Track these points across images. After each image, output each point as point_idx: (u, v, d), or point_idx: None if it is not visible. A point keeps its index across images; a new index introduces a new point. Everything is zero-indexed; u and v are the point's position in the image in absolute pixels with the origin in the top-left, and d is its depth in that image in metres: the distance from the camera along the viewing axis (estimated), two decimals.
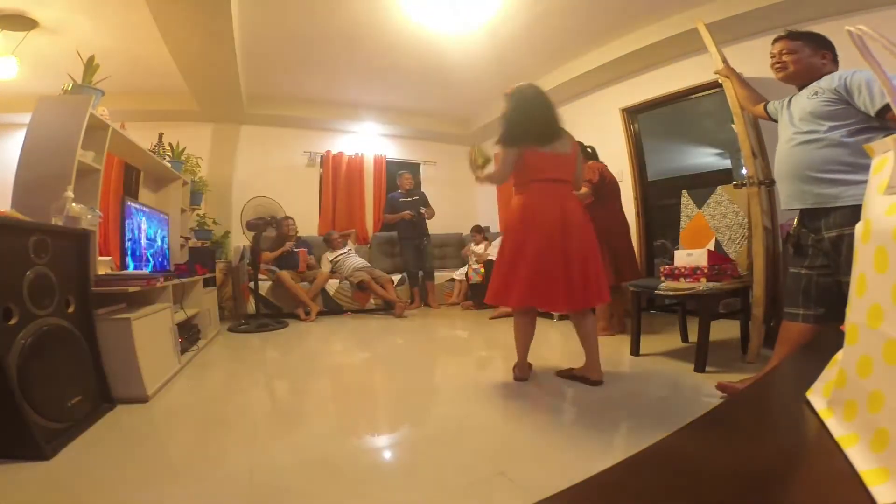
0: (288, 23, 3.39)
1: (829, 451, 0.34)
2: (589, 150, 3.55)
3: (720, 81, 2.34)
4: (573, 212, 2.02)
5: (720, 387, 1.82)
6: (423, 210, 4.86)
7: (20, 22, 2.97)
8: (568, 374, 2.14)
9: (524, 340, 2.13)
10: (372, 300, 4.56)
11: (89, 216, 1.98)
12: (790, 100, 1.78)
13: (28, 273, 1.48)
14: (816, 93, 1.62)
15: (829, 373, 0.44)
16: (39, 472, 1.31)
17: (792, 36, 1.76)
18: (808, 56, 1.70)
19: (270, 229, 4.24)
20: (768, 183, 2.27)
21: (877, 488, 0.27)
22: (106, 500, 1.18)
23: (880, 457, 0.29)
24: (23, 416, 1.35)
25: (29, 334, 1.44)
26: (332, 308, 4.46)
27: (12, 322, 1.40)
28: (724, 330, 2.86)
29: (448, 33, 3.62)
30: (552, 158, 2.03)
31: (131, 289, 1.97)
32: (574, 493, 0.29)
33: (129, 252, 2.40)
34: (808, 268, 1.70)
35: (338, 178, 5.55)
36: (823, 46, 1.71)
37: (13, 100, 4.04)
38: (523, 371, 2.14)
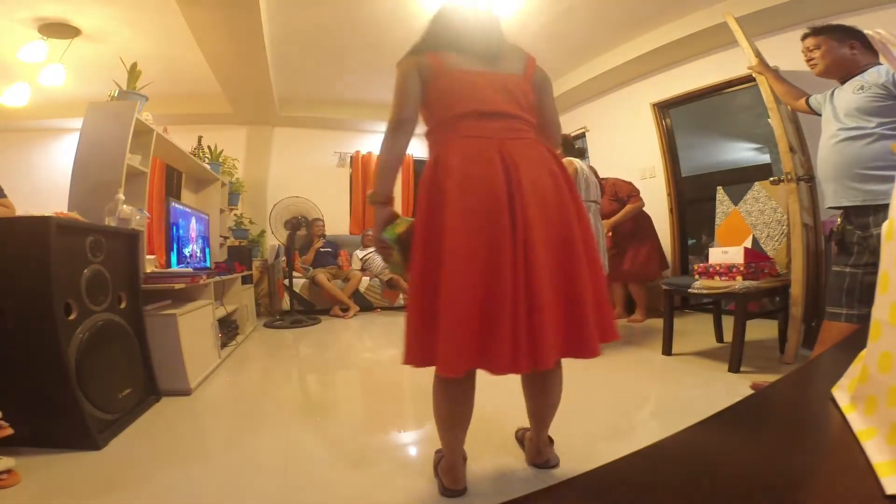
0: (315, 27, 3.47)
1: (848, 444, 0.34)
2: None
3: (754, 77, 2.27)
4: (543, 176, 1.10)
5: (754, 387, 1.78)
6: None
7: (64, 30, 3.13)
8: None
9: (455, 425, 1.16)
10: (401, 297, 4.63)
11: (138, 217, 2.11)
12: (832, 93, 1.72)
13: (85, 271, 1.59)
14: (862, 87, 1.56)
15: (854, 369, 0.44)
16: (91, 462, 1.38)
17: (815, 31, 1.73)
18: (835, 48, 1.67)
19: (303, 228, 4.37)
20: (808, 179, 2.19)
21: (887, 479, 0.28)
22: (152, 489, 1.25)
23: (894, 449, 0.30)
24: (79, 407, 1.43)
25: (86, 329, 1.54)
26: (362, 305, 4.55)
27: (72, 317, 1.50)
28: (762, 330, 2.77)
29: None
30: (491, 79, 1.15)
31: (177, 285, 2.08)
32: (583, 481, 0.31)
33: (174, 251, 2.53)
34: (853, 266, 1.65)
35: (367, 178, 5.65)
36: (849, 36, 1.65)
37: (62, 106, 4.29)
38: (454, 474, 1.17)
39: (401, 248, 1.17)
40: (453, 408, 1.14)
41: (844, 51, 1.65)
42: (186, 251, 2.76)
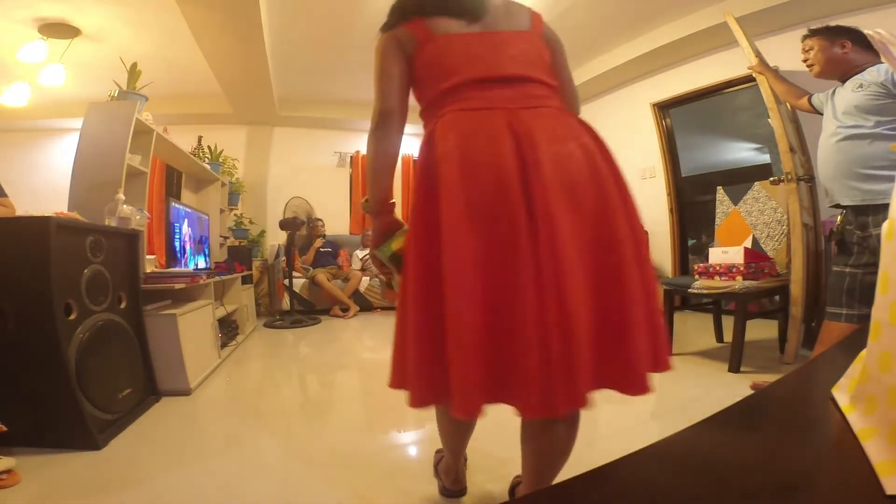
0: (315, 26, 3.47)
1: (848, 444, 0.34)
2: None
3: (754, 77, 2.27)
4: (572, 152, 0.83)
5: (754, 387, 1.78)
6: None
7: (64, 30, 3.12)
8: None
9: (460, 434, 1.10)
10: None
11: (138, 217, 2.11)
12: (834, 92, 1.73)
13: (85, 271, 1.59)
14: (861, 86, 1.57)
15: (854, 369, 0.44)
16: (91, 462, 1.38)
17: (809, 33, 1.76)
18: (827, 48, 1.68)
19: (303, 228, 4.37)
20: (808, 179, 2.19)
21: (887, 479, 0.28)
22: (152, 489, 1.25)
23: (894, 449, 0.30)
24: (79, 408, 1.43)
25: (86, 329, 1.54)
26: (362, 305, 4.55)
27: (72, 317, 1.50)
28: (762, 330, 2.77)
29: None
30: (493, 38, 0.91)
31: (177, 286, 2.08)
32: (583, 481, 0.31)
33: (174, 251, 2.52)
34: (853, 266, 1.65)
35: (367, 178, 5.64)
36: (840, 35, 1.66)
37: (62, 106, 4.29)
38: (454, 474, 1.17)
39: (400, 267, 0.91)
40: (459, 425, 1.03)
41: (836, 50, 1.67)
42: (186, 251, 2.76)
